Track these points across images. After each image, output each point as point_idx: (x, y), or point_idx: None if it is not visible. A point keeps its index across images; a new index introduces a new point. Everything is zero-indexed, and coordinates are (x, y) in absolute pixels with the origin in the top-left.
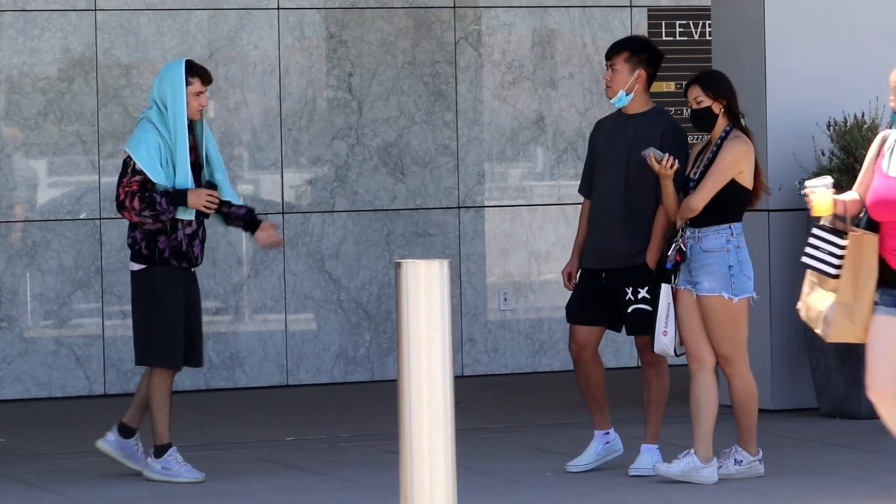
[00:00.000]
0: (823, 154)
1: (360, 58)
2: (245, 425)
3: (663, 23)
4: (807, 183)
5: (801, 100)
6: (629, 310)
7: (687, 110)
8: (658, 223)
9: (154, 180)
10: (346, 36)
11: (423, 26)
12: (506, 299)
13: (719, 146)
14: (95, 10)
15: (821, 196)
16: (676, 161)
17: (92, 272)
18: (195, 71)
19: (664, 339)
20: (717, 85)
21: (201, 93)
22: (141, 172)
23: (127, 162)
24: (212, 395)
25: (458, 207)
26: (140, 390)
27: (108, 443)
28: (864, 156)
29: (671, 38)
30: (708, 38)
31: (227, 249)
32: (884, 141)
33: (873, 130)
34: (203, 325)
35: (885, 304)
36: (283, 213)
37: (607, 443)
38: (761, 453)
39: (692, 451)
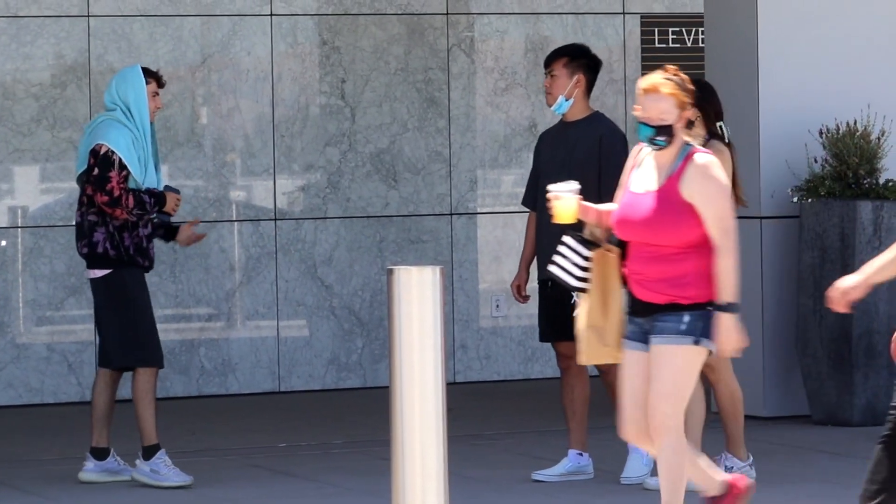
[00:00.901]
0: (816, 161)
1: (353, 64)
2: (237, 432)
3: (656, 30)
4: (550, 187)
5: (794, 107)
6: (574, 314)
7: None
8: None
9: (136, 177)
10: (338, 42)
11: (415, 33)
12: (498, 306)
13: None
14: (88, 16)
15: (565, 202)
16: None
17: (84, 278)
18: (150, 74)
19: None
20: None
21: (157, 94)
22: (125, 168)
23: (109, 156)
24: (204, 401)
25: (451, 214)
26: (96, 406)
27: (90, 471)
28: (857, 163)
29: (664, 45)
30: (701, 45)
31: (220, 256)
32: (638, 153)
33: (865, 138)
34: (193, 332)
35: (630, 338)
36: (275, 219)
37: (579, 464)
38: (751, 458)
39: None
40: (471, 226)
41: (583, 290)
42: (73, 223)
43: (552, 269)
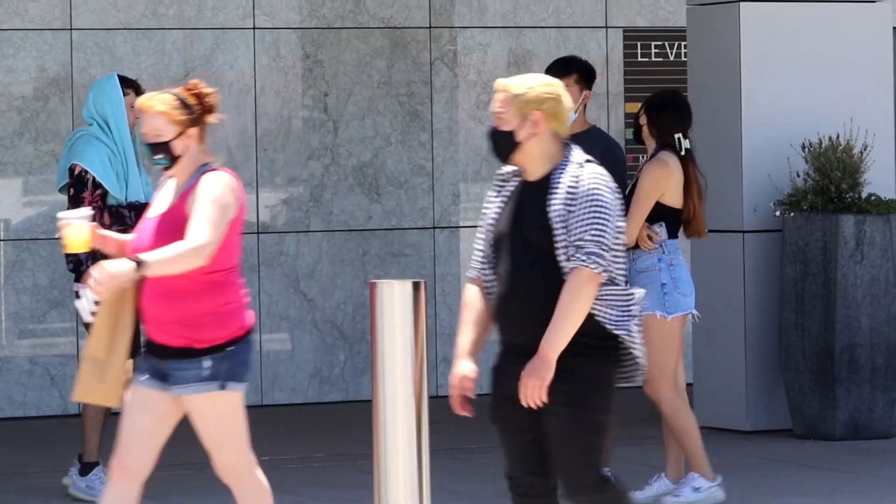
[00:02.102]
0: (798, 175)
1: (336, 78)
2: None
3: (639, 44)
4: (60, 214)
5: (776, 121)
6: None
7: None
8: None
9: (114, 194)
10: (321, 56)
11: (398, 46)
12: None
13: None
14: (71, 29)
15: (74, 229)
16: None
17: (67, 291)
18: (128, 83)
19: None
20: (648, 101)
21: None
22: (100, 186)
23: (82, 176)
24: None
25: (434, 227)
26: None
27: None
28: (839, 177)
29: (646, 59)
30: (683, 59)
31: None
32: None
33: (848, 152)
34: None
35: (143, 373)
36: (258, 232)
37: None
38: (720, 478)
39: (662, 474)
40: (453, 239)
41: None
42: (56, 236)
43: (76, 302)
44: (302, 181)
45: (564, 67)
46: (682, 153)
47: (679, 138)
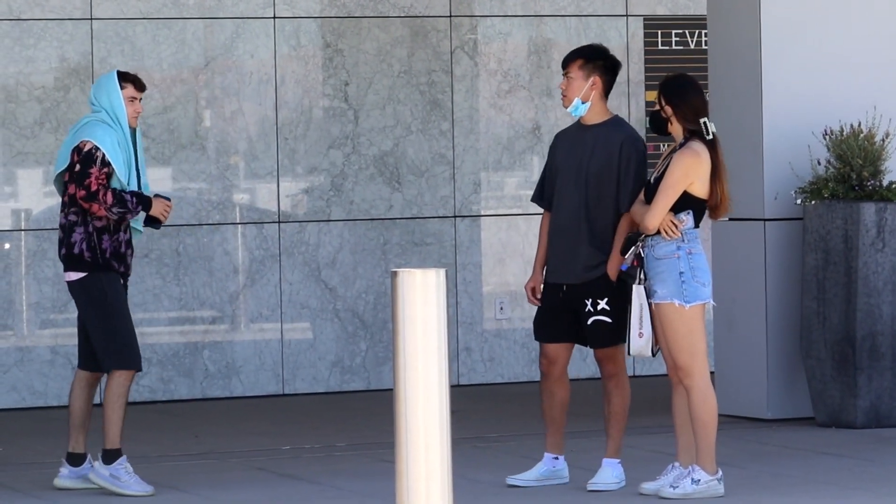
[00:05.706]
0: (819, 163)
1: (357, 67)
2: (241, 434)
3: (659, 31)
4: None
5: (797, 109)
6: (589, 322)
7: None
8: (620, 233)
9: (120, 177)
10: (342, 45)
11: (419, 35)
12: (502, 308)
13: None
14: (91, 18)
15: None
16: None
17: None
18: (126, 77)
19: (640, 341)
20: (666, 89)
21: (135, 98)
22: (108, 165)
23: (92, 153)
24: (208, 404)
25: (455, 216)
26: (74, 411)
27: (65, 478)
28: (861, 165)
29: (667, 47)
30: (704, 46)
31: (224, 258)
32: None
33: (870, 140)
34: (197, 334)
35: None
36: (279, 222)
37: (555, 468)
38: (721, 472)
39: (676, 464)
40: (474, 228)
41: None
42: None
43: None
44: (323, 170)
45: (569, 55)
46: (710, 137)
47: (705, 122)
